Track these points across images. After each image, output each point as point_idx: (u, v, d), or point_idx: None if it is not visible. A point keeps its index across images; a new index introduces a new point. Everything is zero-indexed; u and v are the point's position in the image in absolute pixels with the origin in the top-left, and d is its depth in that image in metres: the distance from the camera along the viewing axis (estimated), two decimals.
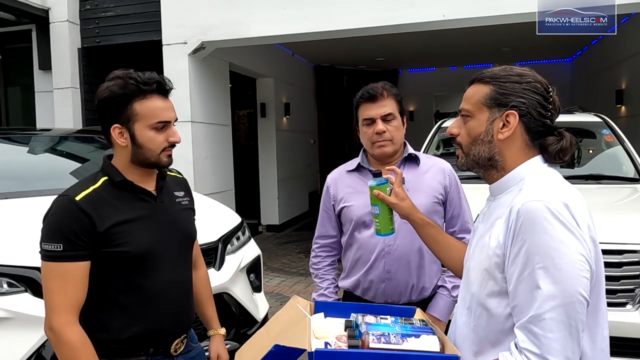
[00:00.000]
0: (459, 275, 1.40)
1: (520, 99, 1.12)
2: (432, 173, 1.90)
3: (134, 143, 1.39)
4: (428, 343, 1.14)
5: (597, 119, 4.25)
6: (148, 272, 1.40)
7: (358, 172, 1.94)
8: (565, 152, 1.14)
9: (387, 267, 1.83)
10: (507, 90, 1.12)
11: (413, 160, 1.92)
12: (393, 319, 1.28)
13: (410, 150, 1.94)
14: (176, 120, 1.46)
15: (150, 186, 1.47)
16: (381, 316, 1.29)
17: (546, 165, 1.15)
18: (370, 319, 1.27)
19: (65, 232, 1.31)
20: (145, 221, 1.41)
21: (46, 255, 1.33)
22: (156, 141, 1.39)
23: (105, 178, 1.42)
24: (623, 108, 7.65)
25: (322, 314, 1.35)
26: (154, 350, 1.42)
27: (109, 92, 1.38)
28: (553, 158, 1.15)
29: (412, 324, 1.27)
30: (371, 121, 1.84)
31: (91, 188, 1.38)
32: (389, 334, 1.15)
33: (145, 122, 1.37)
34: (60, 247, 1.30)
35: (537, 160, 1.15)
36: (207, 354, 1.71)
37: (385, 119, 1.83)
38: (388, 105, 1.84)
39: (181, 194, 1.59)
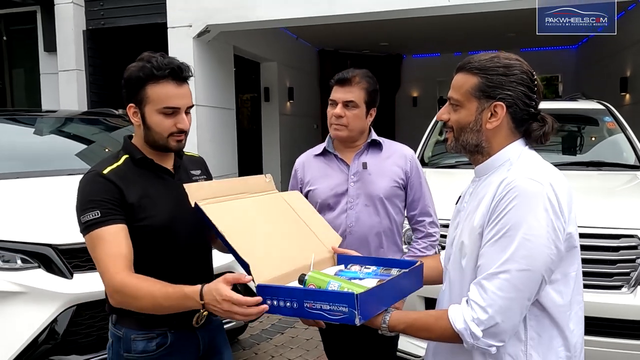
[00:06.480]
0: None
1: (507, 91, 1.17)
2: (394, 158, 1.99)
3: (145, 124, 1.45)
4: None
5: (600, 106, 4.26)
6: (168, 246, 1.45)
7: (324, 157, 2.03)
8: (547, 137, 1.22)
9: (349, 247, 1.90)
10: (495, 83, 1.18)
11: (376, 146, 2.01)
12: (375, 268, 1.39)
13: (374, 136, 2.02)
14: (191, 107, 1.48)
15: (168, 164, 1.53)
16: (366, 266, 1.41)
17: (527, 148, 1.24)
18: (355, 267, 1.40)
19: (98, 200, 1.36)
20: (164, 198, 1.46)
21: (86, 227, 1.35)
22: (163, 125, 1.42)
23: (127, 156, 1.48)
24: (627, 96, 7.64)
25: (342, 265, 1.47)
26: (177, 322, 1.47)
27: (129, 72, 1.43)
28: (535, 142, 1.23)
29: (388, 272, 1.35)
30: (334, 103, 1.93)
31: (115, 164, 1.44)
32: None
33: (154, 106, 1.42)
34: (97, 214, 1.34)
35: (519, 143, 1.23)
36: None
37: (347, 105, 1.90)
38: (354, 93, 1.90)
39: (198, 172, 1.64)
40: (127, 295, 1.31)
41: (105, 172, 1.41)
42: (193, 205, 1.30)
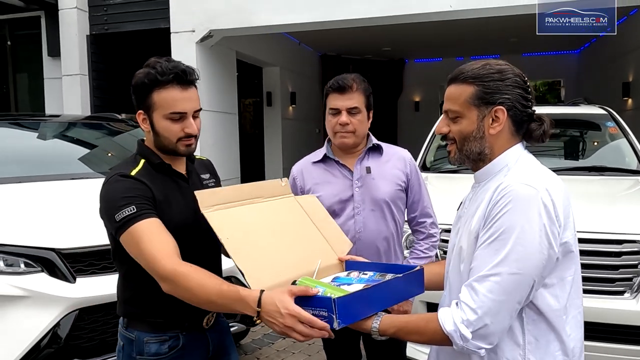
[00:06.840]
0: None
1: (505, 95, 1.20)
2: (394, 162, 2.01)
3: (154, 130, 1.45)
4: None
5: (602, 111, 4.26)
6: (182, 250, 1.43)
7: (324, 163, 2.02)
8: (547, 135, 1.24)
9: (359, 253, 1.90)
10: (492, 88, 1.20)
11: (376, 150, 2.02)
12: (372, 273, 1.38)
13: (374, 140, 2.03)
14: (199, 110, 1.49)
15: (181, 169, 1.54)
16: (364, 272, 1.40)
17: (526, 152, 1.26)
18: (354, 274, 1.40)
19: (131, 196, 1.35)
20: (179, 202, 1.47)
21: (124, 223, 1.33)
22: (171, 131, 1.43)
23: (144, 161, 1.49)
24: (630, 101, 7.64)
25: (345, 272, 1.47)
26: (189, 324, 1.49)
27: (136, 79, 1.44)
28: (536, 141, 1.25)
29: (384, 277, 1.34)
30: (337, 112, 1.93)
31: (137, 168, 1.45)
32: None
33: (161, 111, 1.42)
34: (133, 209, 1.33)
35: (519, 147, 1.25)
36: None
37: (351, 112, 1.91)
38: (355, 99, 1.91)
39: (207, 175, 1.65)
40: (178, 284, 1.27)
41: (132, 173, 1.41)
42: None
